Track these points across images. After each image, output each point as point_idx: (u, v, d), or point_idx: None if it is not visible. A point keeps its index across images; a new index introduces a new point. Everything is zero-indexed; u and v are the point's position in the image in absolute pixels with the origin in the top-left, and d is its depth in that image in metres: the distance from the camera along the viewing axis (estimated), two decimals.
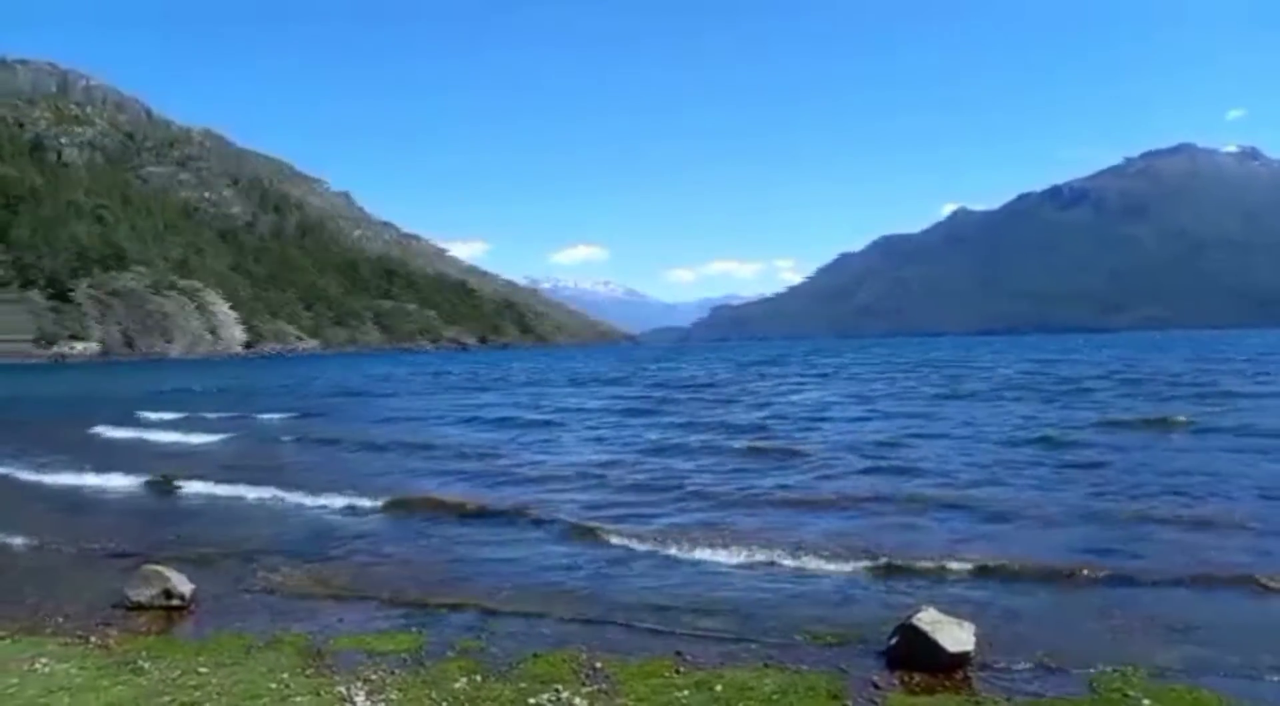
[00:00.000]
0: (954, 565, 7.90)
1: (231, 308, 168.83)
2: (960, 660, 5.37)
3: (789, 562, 8.26)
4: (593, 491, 12.61)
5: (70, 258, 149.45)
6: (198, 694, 5.36)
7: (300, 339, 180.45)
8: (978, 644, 5.45)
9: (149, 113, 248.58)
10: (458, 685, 5.43)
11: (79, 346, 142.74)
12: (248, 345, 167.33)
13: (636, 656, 5.85)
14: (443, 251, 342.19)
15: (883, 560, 8.07)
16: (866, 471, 13.49)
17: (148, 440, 22.17)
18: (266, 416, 27.92)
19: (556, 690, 5.27)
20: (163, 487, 14.12)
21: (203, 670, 5.76)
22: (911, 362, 59.98)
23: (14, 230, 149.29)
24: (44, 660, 6.06)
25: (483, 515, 11.06)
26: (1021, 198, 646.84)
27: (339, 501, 11.99)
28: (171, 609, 7.19)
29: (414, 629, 6.59)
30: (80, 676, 5.73)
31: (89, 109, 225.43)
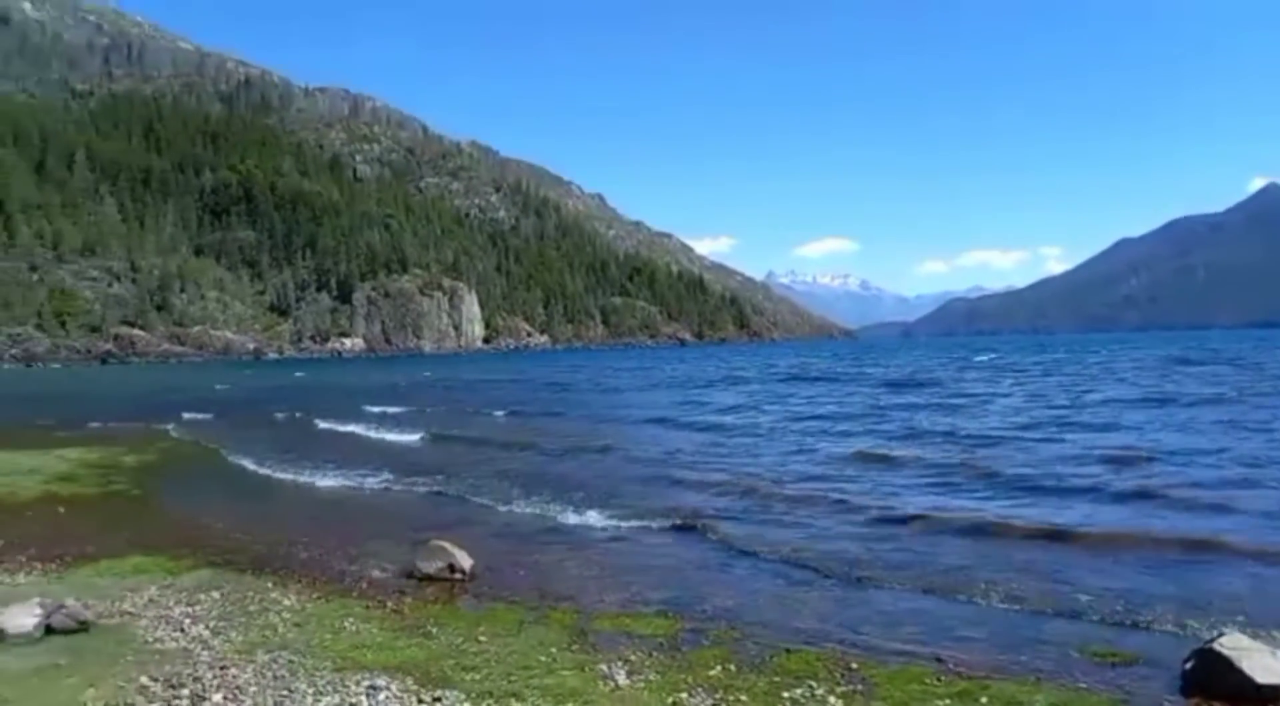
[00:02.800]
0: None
1: (479, 305, 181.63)
2: (1271, 694, 4.76)
3: (1058, 577, 7.69)
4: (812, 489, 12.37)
5: (360, 262, 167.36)
6: (478, 660, 5.86)
7: (530, 335, 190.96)
8: None
9: (425, 129, 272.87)
10: (713, 672, 5.55)
11: (347, 342, 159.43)
12: (486, 340, 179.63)
13: (894, 660, 5.72)
14: (689, 248, 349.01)
15: (1169, 588, 7.24)
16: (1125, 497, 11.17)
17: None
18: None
19: (810, 686, 5.26)
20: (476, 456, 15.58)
21: (482, 638, 6.30)
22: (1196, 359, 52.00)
23: (320, 239, 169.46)
24: (351, 620, 6.86)
25: (744, 497, 11.26)
26: None
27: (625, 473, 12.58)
28: (455, 582, 7.90)
29: (672, 613, 6.82)
30: (380, 636, 6.45)
31: (376, 128, 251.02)
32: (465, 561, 8.09)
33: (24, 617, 6.38)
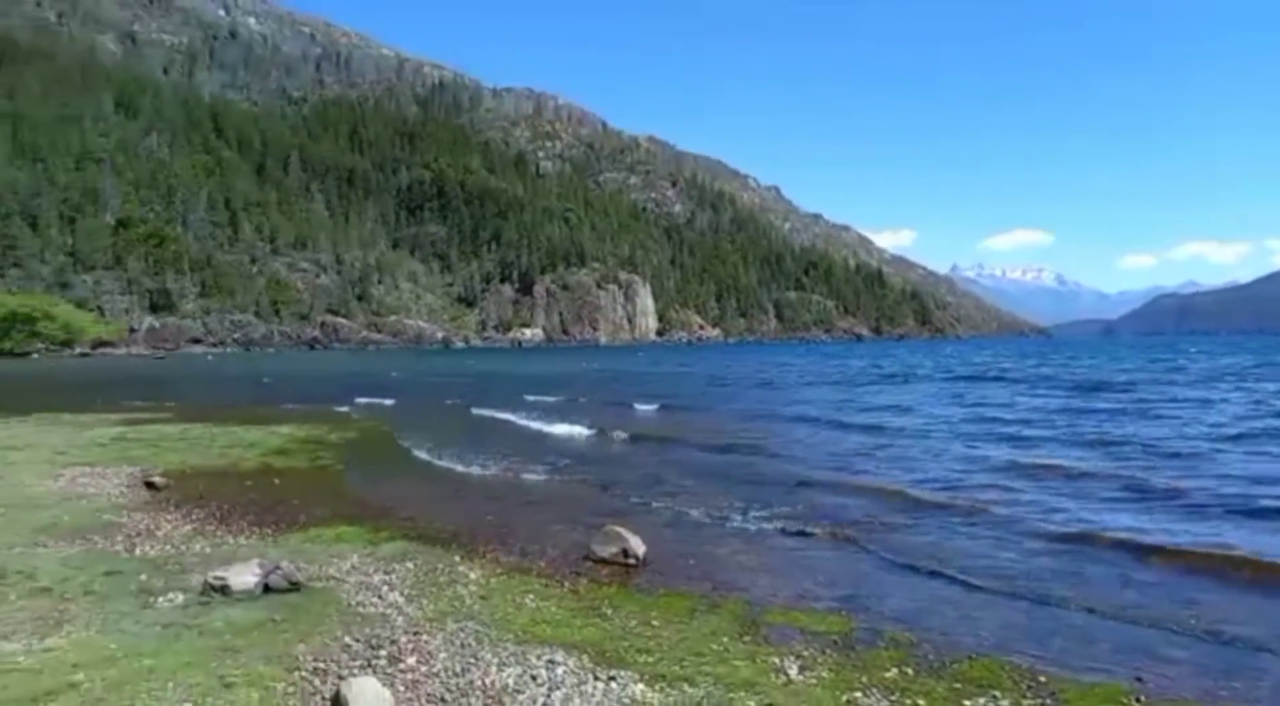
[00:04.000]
0: None
1: (652, 298, 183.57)
2: None
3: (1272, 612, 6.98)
4: (1005, 490, 11.69)
5: (541, 256, 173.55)
6: (651, 643, 5.98)
7: (702, 328, 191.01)
8: None
9: (604, 125, 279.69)
10: (888, 674, 5.42)
11: (527, 332, 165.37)
12: (659, 333, 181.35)
13: (1088, 674, 5.38)
14: (868, 241, 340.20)
15: None
16: None
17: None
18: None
19: (994, 696, 5.05)
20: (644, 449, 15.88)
21: (655, 623, 6.42)
22: None
23: (504, 233, 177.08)
24: (531, 596, 7.15)
25: (916, 506, 10.84)
26: None
27: (791, 472, 12.52)
28: (627, 566, 8.08)
29: (845, 612, 6.70)
30: (558, 613, 6.69)
31: (558, 125, 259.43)
32: (638, 547, 8.25)
33: (247, 576, 7.06)
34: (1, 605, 6.74)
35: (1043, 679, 5.31)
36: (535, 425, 21.40)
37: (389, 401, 30.15)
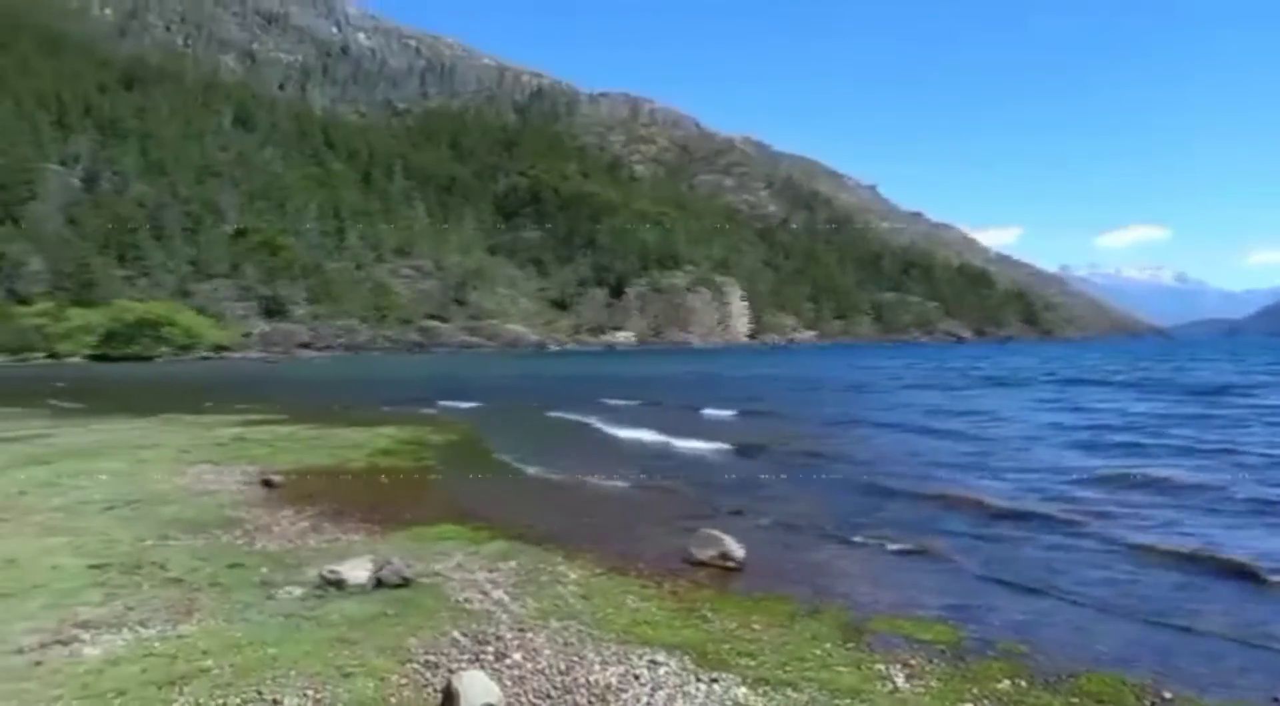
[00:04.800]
0: None
1: (745, 300, 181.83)
2: None
3: None
4: (1122, 502, 11.14)
5: (634, 259, 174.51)
6: (752, 647, 5.97)
7: (796, 331, 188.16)
8: None
9: (699, 127, 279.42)
10: (1000, 686, 5.28)
11: (620, 336, 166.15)
12: (751, 336, 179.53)
13: (1217, 693, 5.13)
14: (971, 240, 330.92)
15: None
16: None
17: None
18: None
19: None
20: (727, 457, 15.81)
21: (756, 626, 6.40)
22: None
23: (598, 237, 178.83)
24: (631, 597, 7.22)
25: (1020, 518, 10.44)
26: None
27: (884, 481, 12.30)
28: (727, 569, 8.06)
29: (952, 622, 6.53)
30: (659, 614, 6.73)
31: (652, 129, 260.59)
32: (737, 550, 8.22)
33: (360, 571, 7.33)
34: (138, 593, 7.17)
35: (1168, 695, 5.08)
36: (621, 430, 21.14)
37: (481, 404, 30.73)
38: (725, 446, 17.51)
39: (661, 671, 5.49)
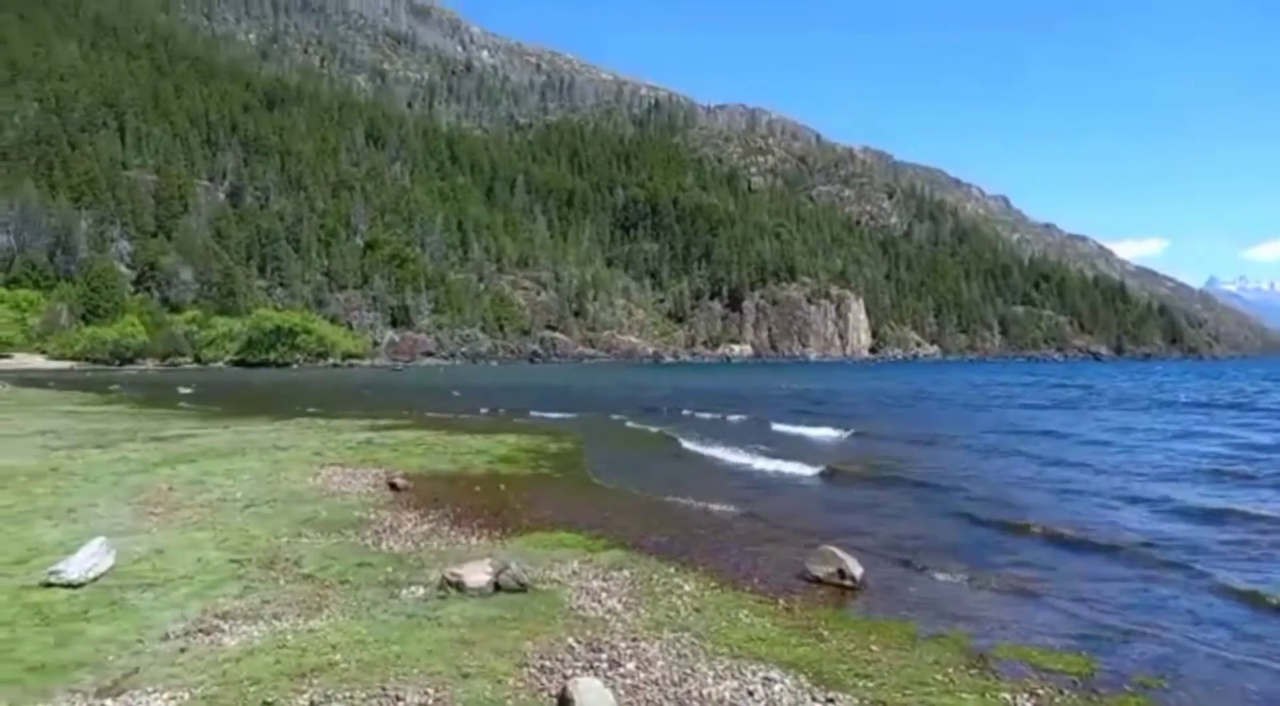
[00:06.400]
0: None
1: (865, 313, 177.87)
2: None
3: None
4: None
5: (751, 271, 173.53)
6: (870, 668, 5.82)
7: (919, 345, 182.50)
8: None
9: (818, 138, 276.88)
10: None
11: (736, 348, 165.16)
12: (872, 349, 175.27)
13: None
14: (1108, 252, 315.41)
15: None
16: None
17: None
18: None
19: None
20: (832, 479, 15.48)
21: (874, 648, 6.24)
22: None
23: (715, 249, 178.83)
24: (745, 612, 7.16)
25: (1148, 553, 9.81)
26: None
27: (1001, 510, 11.84)
28: (844, 588, 7.89)
29: (1084, 653, 6.21)
30: (774, 631, 6.65)
31: (770, 140, 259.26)
32: (855, 569, 8.05)
33: (480, 574, 7.52)
34: (274, 588, 7.57)
35: None
36: (729, 450, 19.90)
37: (598, 414, 31.08)
38: (834, 468, 16.92)
39: (776, 688, 5.42)
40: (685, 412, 31.64)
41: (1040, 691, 5.43)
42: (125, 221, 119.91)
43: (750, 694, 5.34)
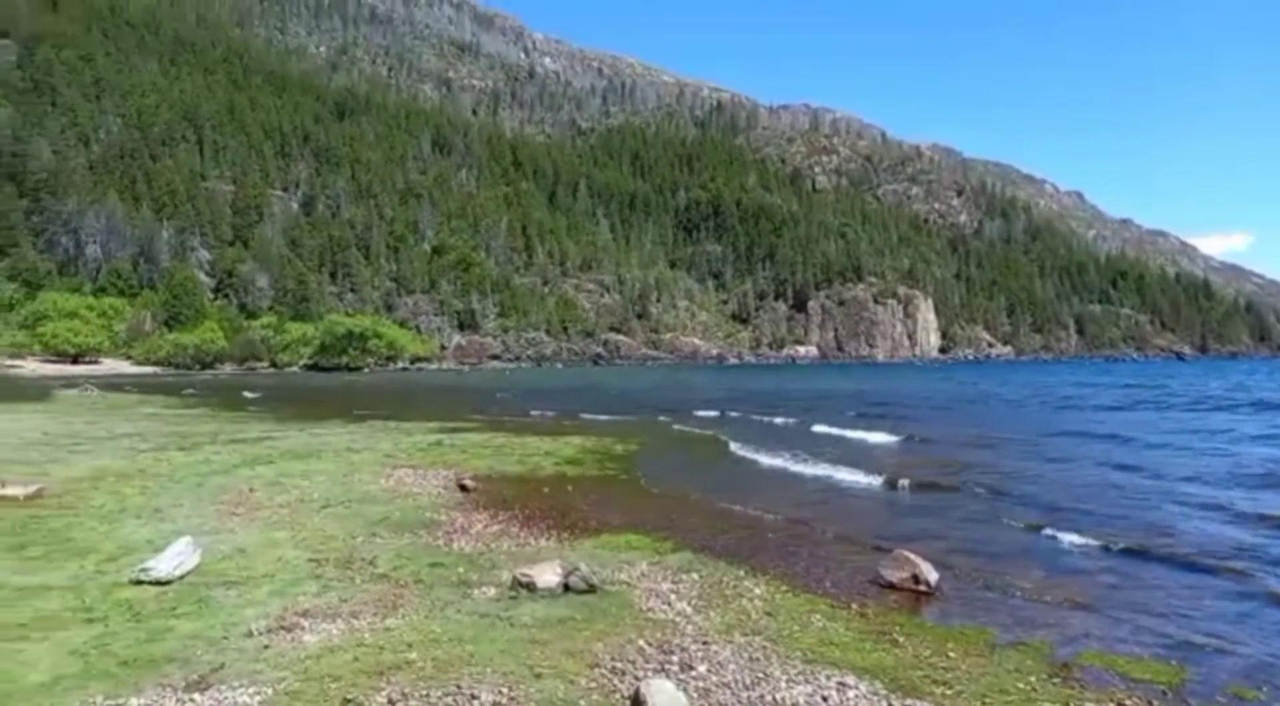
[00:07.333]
0: None
1: (934, 313, 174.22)
2: None
3: None
4: None
5: (816, 272, 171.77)
6: (948, 675, 5.70)
7: (991, 345, 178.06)
8: None
9: (884, 136, 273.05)
10: None
11: (801, 349, 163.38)
12: (942, 350, 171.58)
13: None
14: (1191, 247, 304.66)
15: None
16: None
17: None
18: None
19: None
20: (896, 484, 15.19)
21: (951, 655, 6.10)
22: None
23: (779, 250, 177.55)
24: (817, 616, 7.07)
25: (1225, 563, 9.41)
26: None
27: (1074, 518, 11.49)
28: (919, 593, 7.75)
29: (1175, 662, 5.99)
30: (847, 636, 6.55)
31: (835, 139, 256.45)
32: (930, 574, 7.89)
33: (550, 575, 7.58)
34: (351, 587, 7.73)
35: None
36: (792, 458, 19.64)
37: (660, 416, 30.94)
38: (899, 473, 16.43)
39: (850, 694, 5.34)
40: (744, 416, 31.36)
41: (1128, 702, 5.25)
42: (204, 231, 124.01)
43: (824, 699, 5.27)
